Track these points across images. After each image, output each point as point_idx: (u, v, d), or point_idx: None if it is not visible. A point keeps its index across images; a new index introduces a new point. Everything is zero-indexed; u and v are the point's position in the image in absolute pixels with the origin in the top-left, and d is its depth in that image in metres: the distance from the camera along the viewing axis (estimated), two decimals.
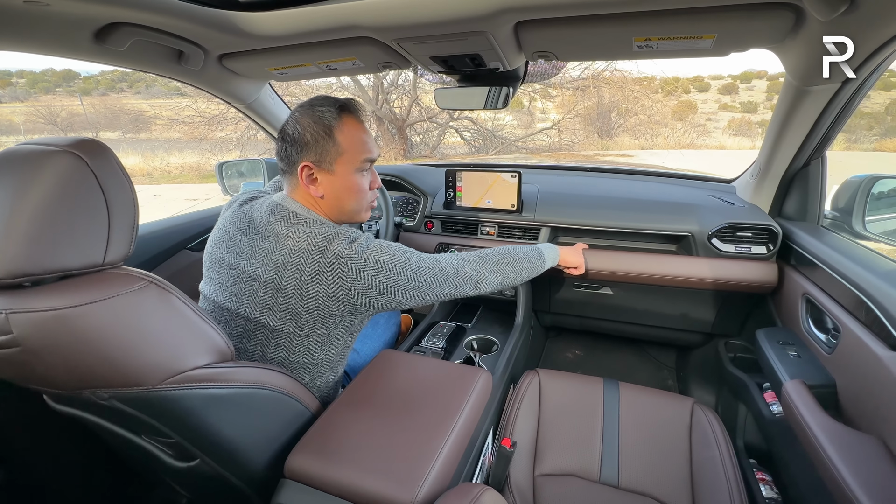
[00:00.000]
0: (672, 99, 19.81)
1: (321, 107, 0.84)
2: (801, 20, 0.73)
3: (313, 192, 0.85)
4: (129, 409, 0.61)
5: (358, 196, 0.89)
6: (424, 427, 0.77)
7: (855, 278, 0.91)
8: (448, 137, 10.01)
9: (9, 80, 26.95)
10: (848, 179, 1.19)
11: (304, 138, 0.82)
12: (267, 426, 0.76)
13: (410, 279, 0.83)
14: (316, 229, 0.81)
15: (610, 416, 1.11)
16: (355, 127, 0.86)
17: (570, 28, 0.83)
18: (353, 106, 0.87)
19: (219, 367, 0.65)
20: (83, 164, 0.55)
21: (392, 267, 0.81)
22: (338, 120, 0.83)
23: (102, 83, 25.63)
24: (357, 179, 0.87)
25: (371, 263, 0.79)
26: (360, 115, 0.88)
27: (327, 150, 0.83)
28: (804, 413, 0.85)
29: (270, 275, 0.79)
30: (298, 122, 0.83)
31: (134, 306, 0.57)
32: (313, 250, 0.78)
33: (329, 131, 0.82)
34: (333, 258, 0.78)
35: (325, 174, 0.84)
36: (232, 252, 0.85)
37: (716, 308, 1.42)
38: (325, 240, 0.79)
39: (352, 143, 0.85)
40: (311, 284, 0.78)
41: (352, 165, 0.86)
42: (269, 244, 0.81)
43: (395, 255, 0.83)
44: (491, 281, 0.99)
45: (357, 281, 0.79)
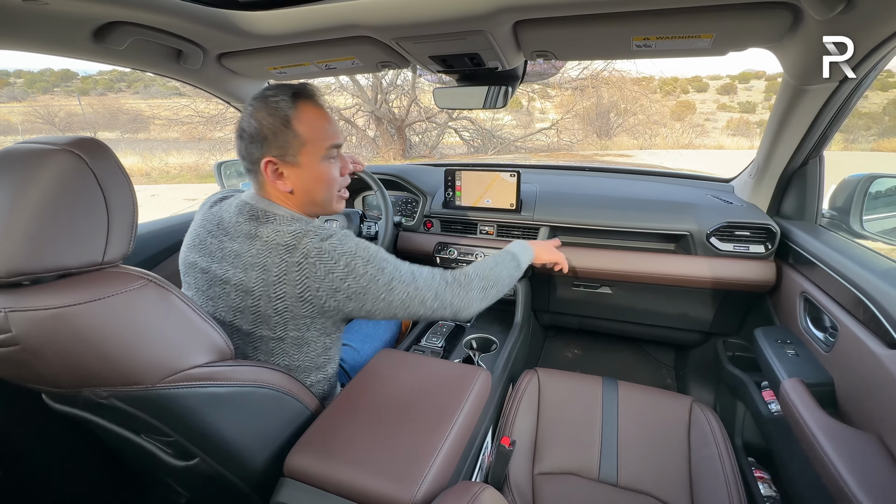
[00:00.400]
0: (671, 99, 19.84)
1: (275, 97, 0.78)
2: (798, 19, 0.73)
3: (281, 187, 0.81)
4: (129, 407, 0.61)
5: (329, 185, 0.85)
6: (424, 426, 0.77)
7: (853, 277, 0.91)
8: (447, 137, 10.02)
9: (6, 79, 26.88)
10: (845, 178, 1.20)
11: (262, 133, 0.77)
12: (266, 425, 0.76)
13: (381, 290, 0.78)
14: (284, 227, 0.77)
15: (609, 415, 1.11)
16: (314, 113, 0.81)
17: (569, 27, 0.83)
18: (308, 91, 0.82)
19: (218, 366, 0.65)
20: (82, 163, 0.55)
21: (363, 273, 0.76)
22: (294, 109, 0.78)
23: (101, 83, 25.57)
24: (325, 168, 0.83)
25: (342, 266, 0.75)
26: (318, 100, 0.83)
27: (288, 143, 0.78)
28: (802, 411, 0.85)
29: (239, 277, 0.76)
30: (253, 116, 0.78)
31: (133, 305, 0.57)
32: (280, 249, 0.75)
33: (287, 122, 0.77)
34: (301, 257, 0.74)
35: (290, 167, 0.80)
36: (203, 255, 0.82)
37: (714, 307, 1.43)
38: (293, 237, 0.76)
39: (313, 132, 0.80)
40: (279, 285, 0.74)
41: (317, 154, 0.81)
42: (237, 245, 0.78)
43: (369, 260, 0.78)
44: (475, 309, 0.93)
45: (325, 282, 0.75)
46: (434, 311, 0.86)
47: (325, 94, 8.62)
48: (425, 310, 0.85)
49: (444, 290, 0.87)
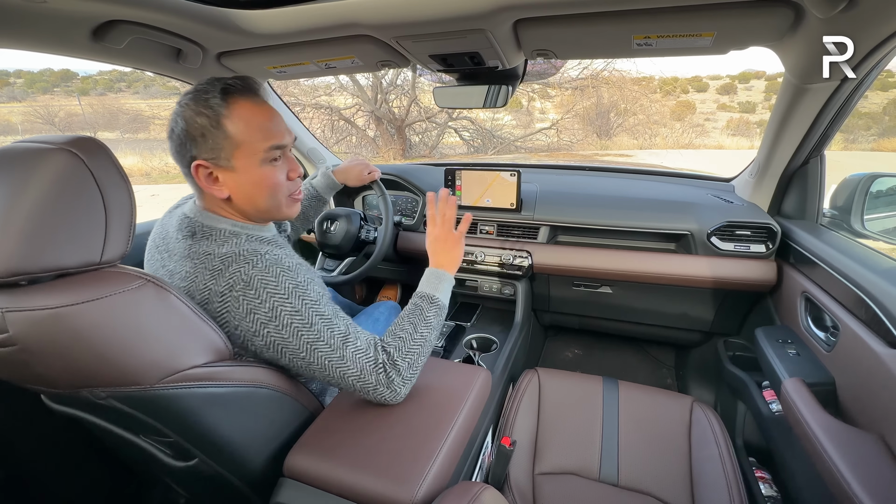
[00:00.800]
0: (671, 99, 19.82)
1: (206, 93, 0.69)
2: (800, 18, 0.73)
3: (217, 193, 0.72)
4: (127, 408, 0.60)
5: (272, 191, 0.75)
6: (424, 426, 0.77)
7: (854, 276, 0.91)
8: (447, 137, 10.01)
9: (6, 79, 26.84)
10: (847, 178, 1.19)
11: (190, 133, 0.69)
12: (266, 425, 0.75)
13: (302, 347, 0.69)
14: (216, 248, 0.70)
15: (609, 415, 1.11)
16: (251, 111, 0.71)
17: (570, 26, 0.83)
18: (242, 86, 0.72)
19: (217, 366, 0.65)
20: (80, 163, 0.55)
21: (288, 323, 0.67)
22: (225, 106, 0.69)
23: (100, 83, 25.53)
24: (265, 173, 0.73)
25: (266, 308, 0.67)
26: (257, 95, 0.73)
27: (220, 145, 0.69)
28: (803, 411, 0.85)
29: None
30: (182, 115, 0.69)
31: (131, 305, 0.57)
32: (206, 274, 0.68)
33: (216, 122, 0.68)
34: (226, 287, 0.67)
35: (224, 172, 0.71)
36: (151, 271, 0.77)
37: (715, 307, 1.42)
38: (221, 262, 0.68)
39: (248, 132, 0.70)
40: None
41: (254, 157, 0.71)
42: (173, 264, 0.72)
43: (297, 311, 0.68)
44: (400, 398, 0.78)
45: (245, 322, 0.67)
46: (354, 390, 0.74)
47: (324, 94, 8.65)
48: (345, 384, 0.73)
49: (371, 371, 0.73)
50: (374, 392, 0.74)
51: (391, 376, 0.75)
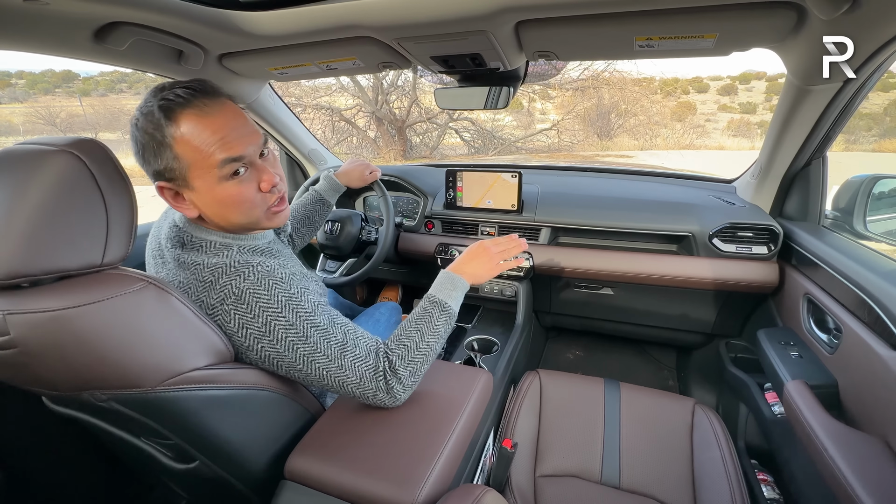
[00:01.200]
0: (671, 100, 19.80)
1: (147, 108, 0.62)
2: (802, 19, 0.72)
3: (187, 213, 0.68)
4: (128, 410, 0.60)
5: (241, 208, 0.68)
6: (425, 428, 0.76)
7: (857, 278, 0.90)
8: (448, 138, 10.01)
9: (8, 80, 26.90)
10: (849, 179, 1.19)
11: (145, 155, 0.64)
12: (267, 427, 0.75)
13: (299, 360, 0.67)
14: (208, 259, 0.67)
15: (611, 417, 1.11)
16: (196, 124, 0.62)
17: (571, 28, 0.83)
18: (185, 96, 0.62)
19: (218, 369, 0.65)
20: (81, 164, 0.55)
21: (282, 338, 0.66)
22: (169, 124, 0.61)
23: (102, 84, 25.57)
24: (228, 190, 0.66)
25: (259, 323, 0.65)
26: (205, 104, 0.63)
27: (172, 166, 0.63)
28: (806, 413, 0.84)
29: None
30: (134, 133, 0.63)
31: (132, 307, 0.57)
32: (199, 285, 0.66)
33: (163, 142, 0.62)
34: (217, 300, 0.65)
35: (187, 192, 0.66)
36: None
37: (717, 308, 1.42)
38: (210, 274, 0.66)
39: (196, 151, 0.62)
40: None
41: (209, 175, 0.64)
42: (166, 271, 0.71)
43: (292, 325, 0.65)
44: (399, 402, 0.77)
45: (237, 336, 0.66)
46: (353, 396, 0.74)
47: (325, 95, 8.65)
48: (344, 392, 0.72)
49: (371, 378, 0.71)
50: (373, 398, 0.74)
51: (391, 383, 0.73)
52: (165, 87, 0.64)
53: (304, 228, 1.26)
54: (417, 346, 0.77)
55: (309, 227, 1.28)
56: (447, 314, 0.82)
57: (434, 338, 0.79)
